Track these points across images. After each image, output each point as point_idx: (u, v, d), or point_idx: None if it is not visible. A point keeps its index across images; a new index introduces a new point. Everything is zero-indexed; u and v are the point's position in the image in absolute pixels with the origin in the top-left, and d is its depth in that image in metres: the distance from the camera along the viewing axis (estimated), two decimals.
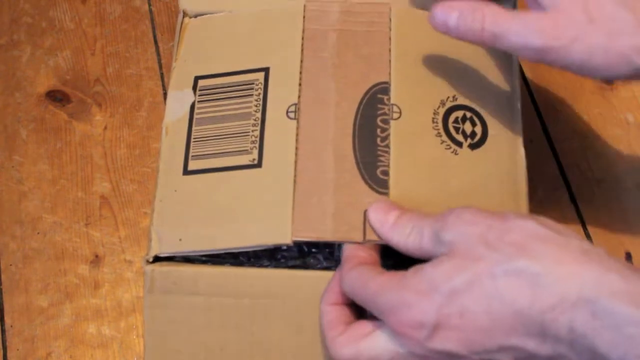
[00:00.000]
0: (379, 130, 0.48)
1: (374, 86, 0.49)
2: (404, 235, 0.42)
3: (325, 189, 0.46)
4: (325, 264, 0.46)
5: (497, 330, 0.37)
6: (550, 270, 0.36)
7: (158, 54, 0.66)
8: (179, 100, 0.50)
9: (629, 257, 0.58)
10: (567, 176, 0.61)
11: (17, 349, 0.55)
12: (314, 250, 0.46)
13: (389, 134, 0.48)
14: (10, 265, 0.58)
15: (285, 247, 0.46)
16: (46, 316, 0.56)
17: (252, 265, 0.46)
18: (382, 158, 0.47)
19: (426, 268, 0.39)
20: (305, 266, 0.46)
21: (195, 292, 0.46)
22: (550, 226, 0.39)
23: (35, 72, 0.65)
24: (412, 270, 0.40)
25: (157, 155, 0.61)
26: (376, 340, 0.41)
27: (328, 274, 0.45)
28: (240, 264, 0.46)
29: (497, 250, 0.38)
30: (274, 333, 0.46)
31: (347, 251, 0.44)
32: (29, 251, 0.58)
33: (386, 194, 0.46)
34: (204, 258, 0.46)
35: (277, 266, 0.46)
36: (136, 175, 0.61)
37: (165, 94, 0.65)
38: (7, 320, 0.56)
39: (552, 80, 0.65)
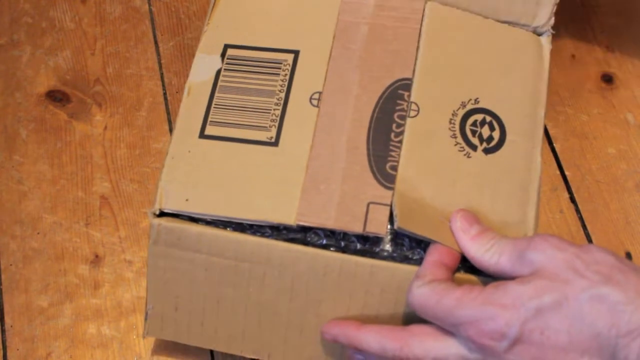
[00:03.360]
0: (394, 126, 0.48)
1: (396, 82, 0.50)
2: (482, 250, 0.43)
3: (334, 178, 0.47)
4: (325, 241, 0.47)
5: (573, 349, 0.39)
6: (632, 300, 0.39)
7: (158, 54, 0.66)
8: (206, 64, 0.52)
9: (628, 257, 0.58)
10: (567, 176, 0.61)
11: (17, 349, 0.55)
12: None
13: (403, 131, 0.48)
14: (10, 265, 0.58)
15: None
16: (46, 316, 0.56)
17: (254, 232, 0.47)
18: (393, 153, 0.48)
19: (511, 284, 0.40)
20: (305, 241, 0.46)
21: (198, 250, 0.47)
22: (627, 262, 0.41)
23: (35, 72, 0.65)
24: (492, 286, 0.41)
25: (157, 156, 0.62)
26: (446, 342, 0.42)
27: (325, 253, 0.46)
28: (242, 229, 0.47)
29: (584, 277, 0.40)
30: (268, 296, 0.47)
31: (422, 269, 0.44)
32: (29, 251, 0.58)
33: (391, 188, 0.46)
34: (208, 219, 0.47)
35: (277, 236, 0.47)
36: (136, 175, 0.61)
37: (165, 94, 0.65)
38: (7, 320, 0.56)
39: (552, 80, 0.65)
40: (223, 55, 0.52)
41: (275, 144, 0.48)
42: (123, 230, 0.59)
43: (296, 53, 0.51)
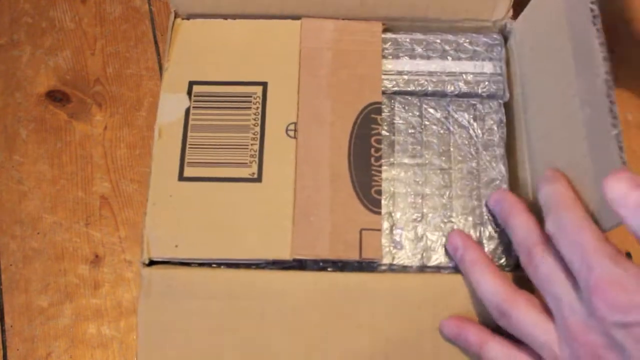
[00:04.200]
0: (372, 150, 0.48)
1: (367, 106, 0.50)
2: None
3: (323, 208, 0.47)
4: (321, 264, 0.46)
5: None
6: None
7: (158, 54, 0.66)
8: (173, 104, 0.51)
9: (629, 257, 0.58)
10: None
11: (17, 349, 0.55)
12: None
13: (382, 155, 0.48)
14: (10, 265, 0.58)
15: None
16: (46, 316, 0.56)
17: (249, 265, 0.46)
18: (376, 178, 0.48)
19: None
20: (301, 267, 0.46)
21: (192, 295, 0.46)
22: None
23: (35, 72, 0.65)
24: None
25: None
26: None
27: (324, 274, 0.46)
28: (236, 265, 0.46)
29: None
30: (269, 335, 0.46)
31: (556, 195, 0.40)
32: (29, 251, 0.58)
33: (379, 213, 0.46)
34: (200, 262, 0.46)
35: (273, 265, 0.46)
36: (136, 175, 0.61)
37: None
38: (7, 320, 0.56)
39: None
40: (189, 92, 0.51)
41: (258, 179, 0.48)
42: (123, 230, 0.59)
43: (264, 85, 0.50)
